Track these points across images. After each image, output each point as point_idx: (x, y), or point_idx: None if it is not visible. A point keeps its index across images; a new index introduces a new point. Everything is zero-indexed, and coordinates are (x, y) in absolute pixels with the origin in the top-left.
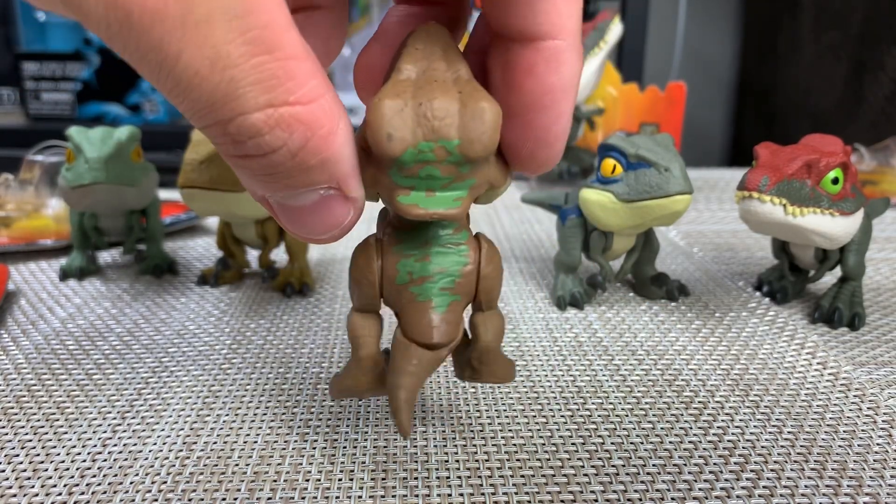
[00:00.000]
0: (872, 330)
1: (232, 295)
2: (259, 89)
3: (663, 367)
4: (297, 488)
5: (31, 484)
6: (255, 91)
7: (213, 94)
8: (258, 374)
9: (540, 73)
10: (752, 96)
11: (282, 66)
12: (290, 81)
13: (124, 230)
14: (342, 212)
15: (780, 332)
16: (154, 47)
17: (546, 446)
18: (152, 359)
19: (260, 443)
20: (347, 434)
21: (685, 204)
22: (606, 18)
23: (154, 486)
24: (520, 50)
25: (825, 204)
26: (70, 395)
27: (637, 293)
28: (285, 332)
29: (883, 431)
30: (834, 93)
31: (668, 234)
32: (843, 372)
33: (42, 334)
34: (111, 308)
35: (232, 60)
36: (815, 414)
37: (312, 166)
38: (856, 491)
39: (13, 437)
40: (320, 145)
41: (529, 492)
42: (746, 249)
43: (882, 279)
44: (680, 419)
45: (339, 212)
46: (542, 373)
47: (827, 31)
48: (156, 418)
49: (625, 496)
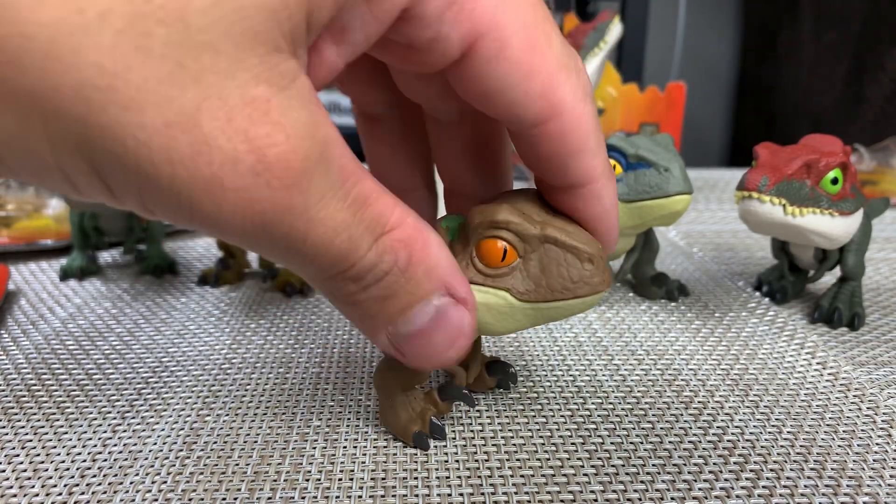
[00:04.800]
0: (872, 330)
1: (232, 295)
2: (368, 234)
3: (663, 367)
4: (297, 488)
5: (32, 484)
6: (366, 237)
7: (337, 256)
8: (258, 374)
9: (583, 209)
10: (751, 96)
11: (375, 208)
12: (383, 216)
13: (124, 230)
14: (459, 317)
15: (779, 332)
16: (284, 236)
17: (546, 446)
18: (152, 359)
19: (260, 443)
20: (347, 434)
21: (685, 204)
22: (606, 19)
23: (154, 485)
24: (562, 193)
25: (825, 204)
26: (70, 394)
27: (637, 293)
28: (285, 332)
29: (882, 431)
30: (834, 93)
31: (667, 234)
32: (842, 372)
33: (42, 334)
34: (111, 308)
35: (347, 222)
36: (814, 414)
37: (420, 277)
38: (855, 491)
39: (13, 437)
40: (421, 256)
41: (529, 492)
42: (746, 249)
43: (882, 279)
44: (679, 419)
45: (457, 318)
46: (541, 373)
47: (827, 31)
48: (156, 418)
49: (624, 496)
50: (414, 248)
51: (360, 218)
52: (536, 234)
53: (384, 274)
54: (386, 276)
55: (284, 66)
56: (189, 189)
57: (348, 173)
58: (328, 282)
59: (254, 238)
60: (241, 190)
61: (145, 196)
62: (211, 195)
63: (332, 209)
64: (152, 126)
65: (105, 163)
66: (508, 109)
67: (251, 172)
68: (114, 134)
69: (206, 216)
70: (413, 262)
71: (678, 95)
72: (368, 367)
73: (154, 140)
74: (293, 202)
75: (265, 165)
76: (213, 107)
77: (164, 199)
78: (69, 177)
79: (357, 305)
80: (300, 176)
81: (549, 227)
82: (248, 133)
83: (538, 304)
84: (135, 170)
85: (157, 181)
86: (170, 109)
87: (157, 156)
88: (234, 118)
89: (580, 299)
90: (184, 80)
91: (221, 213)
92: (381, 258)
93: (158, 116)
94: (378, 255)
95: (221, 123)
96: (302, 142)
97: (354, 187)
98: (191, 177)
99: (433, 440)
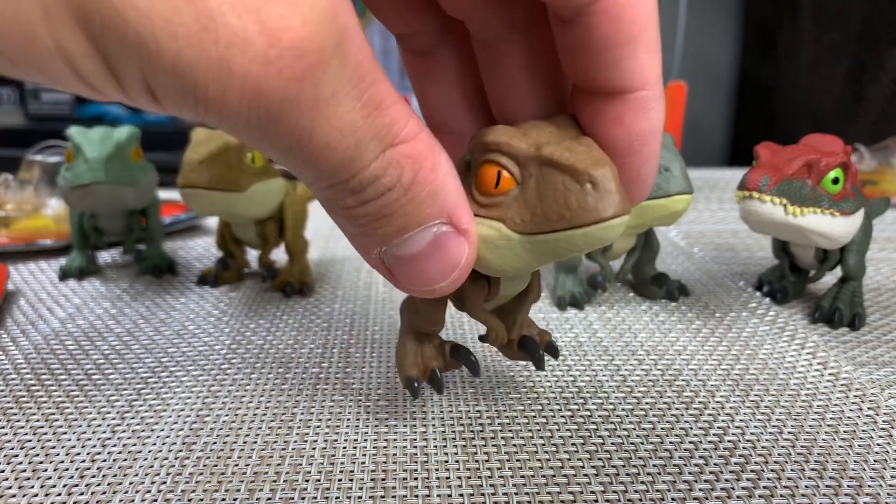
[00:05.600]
0: (873, 330)
1: (232, 295)
2: (376, 142)
3: (663, 368)
4: (297, 488)
5: (31, 484)
6: (374, 144)
7: (342, 160)
8: (258, 374)
9: (629, 122)
10: (752, 96)
11: (389, 114)
12: (396, 125)
13: (124, 230)
14: (458, 249)
15: (780, 333)
16: (288, 132)
17: (546, 447)
18: (152, 359)
19: (259, 443)
20: (347, 434)
21: (685, 204)
22: None
23: (153, 486)
24: (607, 101)
25: (825, 204)
26: (69, 395)
27: (637, 293)
28: (285, 332)
29: (883, 432)
30: (834, 93)
31: (668, 234)
32: (843, 372)
33: (41, 334)
34: (111, 308)
35: (357, 125)
36: (815, 414)
37: (423, 199)
38: (856, 491)
39: (12, 437)
40: (428, 176)
41: (529, 492)
42: (747, 249)
43: (882, 279)
44: (680, 419)
45: (455, 250)
46: (542, 373)
47: (827, 31)
48: (155, 418)
49: (625, 496)
50: (423, 165)
51: (370, 123)
52: (531, 155)
53: (386, 189)
54: (387, 193)
55: None
56: (193, 70)
57: (365, 71)
58: (326, 190)
59: (257, 131)
60: (250, 77)
61: (150, 79)
62: (217, 79)
63: (342, 108)
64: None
65: (106, 39)
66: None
67: (262, 58)
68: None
69: (210, 102)
70: (417, 182)
71: (679, 95)
72: (368, 367)
73: (156, 9)
74: (303, 95)
75: (277, 52)
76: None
77: (169, 83)
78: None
79: (353, 220)
80: (314, 67)
81: (547, 146)
82: (261, 12)
83: (535, 235)
84: (136, 44)
85: (160, 59)
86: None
87: (160, 29)
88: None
89: (581, 230)
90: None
91: (226, 100)
92: (386, 171)
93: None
94: (383, 167)
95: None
96: (319, 28)
97: (370, 88)
98: (195, 57)
99: (432, 390)
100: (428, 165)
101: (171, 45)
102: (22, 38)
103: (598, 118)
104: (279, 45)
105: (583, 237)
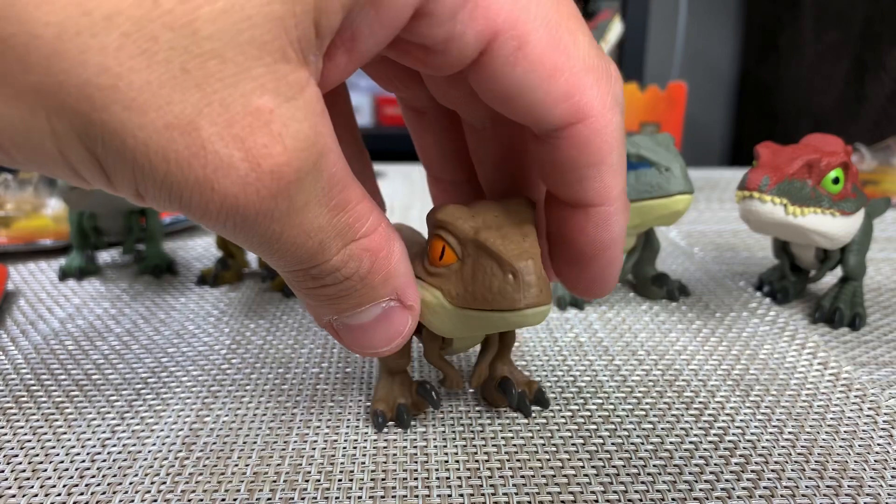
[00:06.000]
0: (873, 330)
1: (231, 295)
2: (338, 240)
3: (664, 368)
4: (297, 488)
5: (31, 484)
6: (336, 242)
7: (307, 255)
8: (258, 374)
9: (591, 232)
10: (752, 96)
11: (352, 213)
12: (358, 222)
13: (123, 230)
14: (402, 321)
15: (780, 333)
16: (259, 234)
17: (546, 447)
18: (151, 359)
19: (259, 443)
20: (347, 434)
21: (686, 204)
22: (607, 18)
23: (153, 486)
24: (573, 211)
25: (826, 204)
26: (69, 395)
27: (637, 293)
28: (285, 332)
29: (884, 432)
30: (835, 92)
31: (668, 234)
32: (843, 372)
33: (41, 334)
34: (110, 308)
35: (321, 228)
36: (815, 414)
37: (377, 284)
38: (856, 491)
39: (12, 437)
40: (383, 265)
41: (530, 492)
42: (747, 249)
43: (883, 279)
44: (681, 420)
45: (399, 321)
46: (542, 373)
47: (828, 30)
48: (155, 419)
49: (625, 497)
50: (378, 256)
51: (335, 223)
52: (470, 238)
53: (344, 279)
54: (346, 281)
55: (293, 76)
56: (180, 186)
57: (336, 180)
58: (288, 273)
59: (232, 232)
60: (229, 195)
61: (140, 186)
62: (200, 194)
63: (311, 215)
64: (152, 126)
65: (105, 155)
66: (529, 112)
67: (242, 181)
68: (115, 131)
69: (192, 209)
70: (373, 270)
71: (679, 95)
72: (368, 367)
73: (153, 140)
74: (277, 208)
75: (257, 175)
76: (213, 113)
77: (156, 191)
78: (72, 166)
79: (310, 296)
80: (290, 185)
81: (484, 231)
82: (246, 142)
83: (464, 309)
84: (132, 164)
85: (153, 175)
86: (170, 112)
87: (155, 155)
88: (233, 126)
89: (499, 314)
90: (186, 85)
91: (207, 210)
92: (346, 264)
93: (159, 118)
94: (343, 261)
95: (220, 129)
96: (298, 153)
97: (339, 194)
98: (184, 177)
99: (397, 425)
100: (384, 255)
101: (162, 167)
102: (31, 150)
103: (565, 224)
104: (259, 170)
105: (500, 320)
